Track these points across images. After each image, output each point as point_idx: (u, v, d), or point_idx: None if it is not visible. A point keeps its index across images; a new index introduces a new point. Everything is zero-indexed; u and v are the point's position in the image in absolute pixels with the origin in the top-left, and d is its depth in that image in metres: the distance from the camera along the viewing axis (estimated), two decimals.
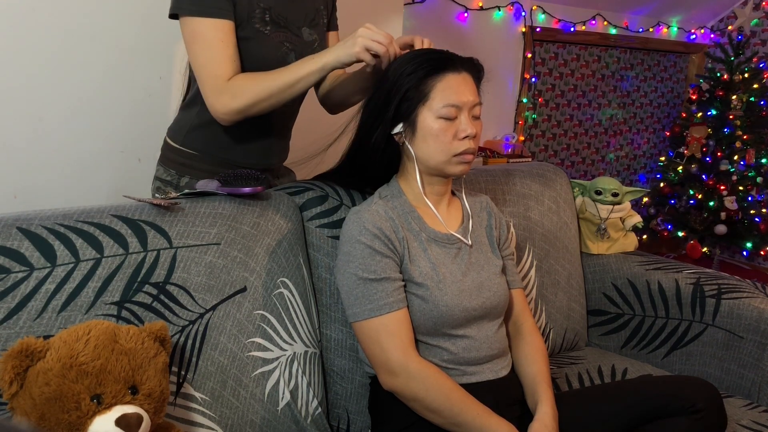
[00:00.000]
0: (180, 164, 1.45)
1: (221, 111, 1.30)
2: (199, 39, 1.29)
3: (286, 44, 1.39)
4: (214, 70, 1.28)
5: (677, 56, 4.37)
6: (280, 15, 1.38)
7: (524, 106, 3.67)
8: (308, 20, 1.44)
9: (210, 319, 1.18)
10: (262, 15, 1.34)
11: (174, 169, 1.46)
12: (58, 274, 1.06)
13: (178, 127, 1.47)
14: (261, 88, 1.28)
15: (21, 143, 1.67)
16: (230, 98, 1.28)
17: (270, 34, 1.36)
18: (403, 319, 1.18)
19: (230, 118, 1.31)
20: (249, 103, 1.28)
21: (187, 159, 1.45)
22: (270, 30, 1.36)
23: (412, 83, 1.20)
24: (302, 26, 1.42)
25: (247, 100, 1.28)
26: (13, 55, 1.63)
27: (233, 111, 1.29)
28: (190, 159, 1.45)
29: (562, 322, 1.76)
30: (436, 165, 1.23)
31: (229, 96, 1.28)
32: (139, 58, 1.81)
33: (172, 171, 1.46)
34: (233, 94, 1.28)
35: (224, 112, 1.30)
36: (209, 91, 1.30)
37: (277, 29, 1.37)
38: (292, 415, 1.25)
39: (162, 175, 1.48)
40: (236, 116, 1.31)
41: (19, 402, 0.90)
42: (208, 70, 1.29)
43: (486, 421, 1.14)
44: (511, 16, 3.47)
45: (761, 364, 1.56)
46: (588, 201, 1.89)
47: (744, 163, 3.87)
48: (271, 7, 1.36)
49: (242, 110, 1.29)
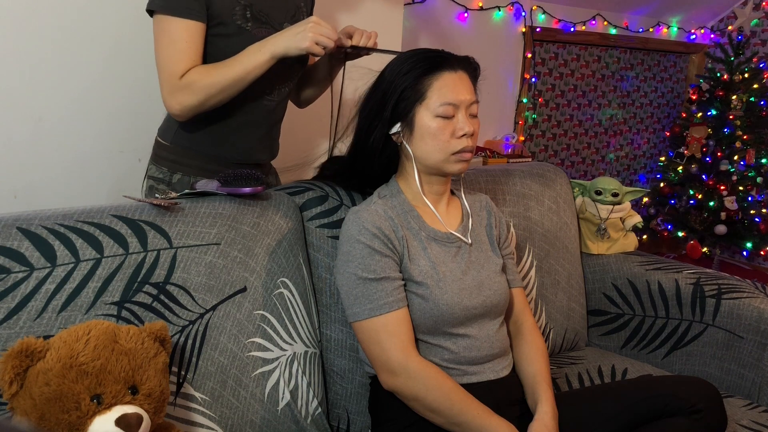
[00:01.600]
0: (171, 161, 1.47)
1: (174, 108, 1.32)
2: (164, 37, 1.31)
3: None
4: (170, 68, 1.30)
5: (677, 56, 4.37)
6: (261, 11, 1.39)
7: (524, 106, 3.67)
8: (289, 16, 1.45)
9: (210, 319, 1.18)
10: (242, 11, 1.36)
11: (165, 167, 1.47)
12: (58, 274, 1.06)
13: (167, 125, 1.49)
14: (211, 82, 1.30)
15: (21, 143, 1.67)
16: (182, 97, 1.30)
17: (252, 30, 1.37)
18: (403, 319, 1.18)
19: (185, 115, 1.33)
20: (199, 99, 1.31)
21: (177, 156, 1.46)
22: (252, 26, 1.37)
23: (408, 82, 1.20)
24: (283, 22, 1.43)
25: (200, 95, 1.30)
26: (12, 55, 1.63)
27: (186, 108, 1.32)
28: (180, 156, 1.46)
29: (562, 322, 1.76)
30: (435, 163, 1.23)
31: (180, 94, 1.30)
32: (139, 58, 1.80)
33: (163, 168, 1.48)
34: (183, 92, 1.30)
35: (177, 109, 1.32)
36: (164, 89, 1.32)
37: (258, 25, 1.38)
38: (292, 415, 1.25)
39: (154, 173, 1.49)
40: (191, 112, 1.33)
41: (19, 402, 0.90)
42: (165, 67, 1.31)
43: (486, 420, 1.14)
44: (511, 16, 3.47)
45: (761, 364, 1.56)
46: (588, 201, 1.89)
47: (744, 163, 3.87)
48: (252, 4, 1.37)
49: (194, 107, 1.32)
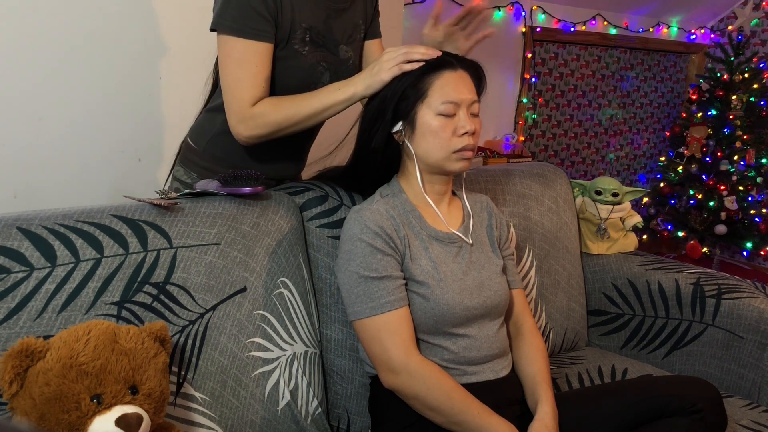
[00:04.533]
0: (202, 167, 1.44)
1: (243, 135, 1.29)
2: (233, 59, 1.26)
3: (322, 64, 1.37)
4: (240, 93, 1.26)
5: (677, 56, 4.37)
6: (320, 34, 1.35)
7: (524, 106, 3.67)
8: (346, 37, 1.41)
9: (210, 319, 1.18)
10: (302, 35, 1.32)
11: (195, 172, 1.44)
12: (58, 274, 1.06)
13: (202, 130, 1.45)
14: (283, 116, 1.26)
15: (21, 143, 1.67)
16: (252, 126, 1.27)
17: (307, 54, 1.34)
18: (405, 318, 1.18)
19: (251, 142, 1.31)
20: (270, 131, 1.28)
21: (209, 163, 1.43)
22: (308, 50, 1.34)
23: (410, 81, 1.21)
24: (340, 44, 1.40)
25: (269, 128, 1.27)
26: (13, 55, 1.63)
27: (254, 137, 1.29)
28: (212, 163, 1.43)
29: (562, 322, 1.76)
30: (436, 162, 1.23)
31: (252, 124, 1.27)
32: (139, 59, 1.81)
33: (193, 174, 1.45)
34: (256, 122, 1.27)
35: (246, 137, 1.29)
36: (233, 115, 1.29)
37: (315, 48, 1.35)
38: (292, 415, 1.25)
39: (182, 176, 1.46)
40: (256, 141, 1.31)
41: (19, 402, 0.90)
42: (234, 91, 1.27)
43: (486, 420, 1.14)
44: (511, 16, 3.47)
45: (761, 364, 1.56)
46: (588, 201, 1.89)
47: (744, 163, 3.87)
48: (312, 27, 1.33)
49: (263, 136, 1.29)
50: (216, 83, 1.45)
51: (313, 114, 1.27)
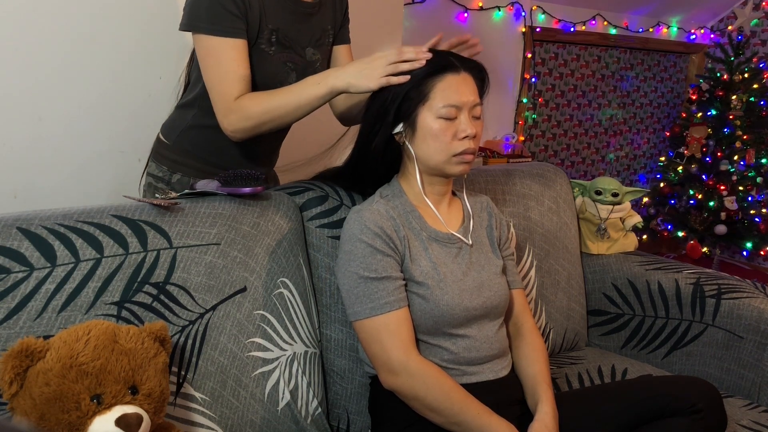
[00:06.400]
0: (172, 161, 1.47)
1: (230, 129, 1.32)
2: (213, 57, 1.30)
3: (288, 64, 1.40)
4: (224, 89, 1.30)
5: (677, 56, 4.37)
6: (287, 36, 1.38)
7: (524, 106, 3.67)
8: (313, 41, 1.44)
9: (210, 319, 1.18)
10: (269, 36, 1.35)
11: (166, 166, 1.48)
12: (58, 274, 1.06)
13: (173, 125, 1.49)
14: (266, 109, 1.29)
15: (21, 143, 1.67)
16: (236, 120, 1.30)
17: (274, 54, 1.37)
18: (404, 318, 1.18)
19: (239, 136, 1.33)
20: (253, 124, 1.30)
21: (178, 156, 1.47)
22: (274, 51, 1.37)
23: (412, 83, 1.20)
24: (306, 46, 1.42)
25: (253, 121, 1.30)
26: (13, 55, 1.63)
27: (239, 130, 1.32)
28: (181, 156, 1.46)
29: (562, 322, 1.76)
30: (436, 165, 1.23)
31: (235, 117, 1.30)
32: (139, 59, 1.80)
33: (164, 167, 1.48)
34: (238, 116, 1.30)
35: (233, 130, 1.32)
36: (219, 110, 1.32)
37: (281, 50, 1.38)
38: (292, 415, 1.25)
39: (154, 171, 1.49)
40: (244, 135, 1.33)
41: (19, 402, 0.90)
42: (218, 88, 1.31)
43: (486, 420, 1.14)
44: (511, 16, 3.47)
45: (761, 364, 1.56)
46: (588, 201, 1.89)
47: (744, 163, 3.87)
48: (279, 29, 1.36)
49: (247, 129, 1.31)
50: (189, 81, 1.49)
51: (294, 108, 1.28)
